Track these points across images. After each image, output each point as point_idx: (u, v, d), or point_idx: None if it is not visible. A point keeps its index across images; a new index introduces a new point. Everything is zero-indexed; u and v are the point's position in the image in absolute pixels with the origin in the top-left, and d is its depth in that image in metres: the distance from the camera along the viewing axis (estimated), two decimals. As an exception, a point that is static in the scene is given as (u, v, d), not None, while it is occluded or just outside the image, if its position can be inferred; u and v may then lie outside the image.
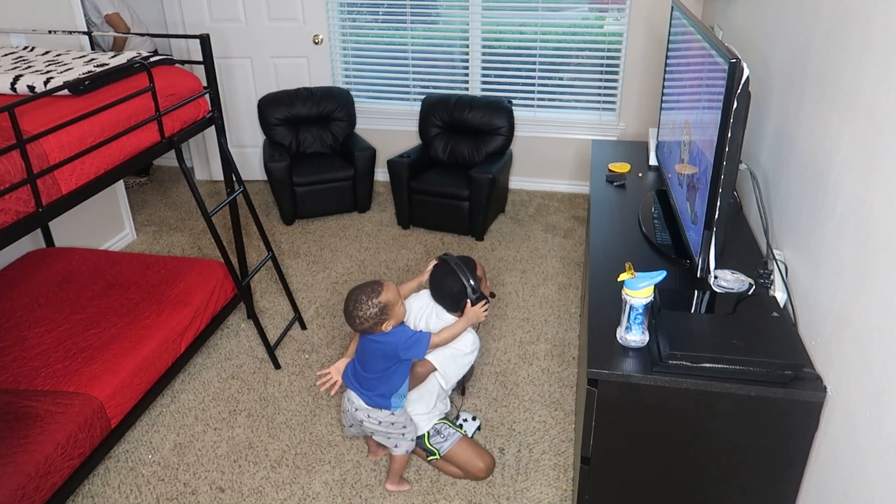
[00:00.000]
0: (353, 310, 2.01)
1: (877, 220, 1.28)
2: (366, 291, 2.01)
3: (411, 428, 2.22)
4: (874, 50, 1.34)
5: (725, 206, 1.69)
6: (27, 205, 1.98)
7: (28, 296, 2.83)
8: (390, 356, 2.07)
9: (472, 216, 3.84)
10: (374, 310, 1.99)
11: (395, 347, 2.05)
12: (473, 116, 4.08)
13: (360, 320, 2.00)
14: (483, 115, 4.06)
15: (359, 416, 2.17)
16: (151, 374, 2.54)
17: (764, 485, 1.64)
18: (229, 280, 3.03)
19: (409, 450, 2.22)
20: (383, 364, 2.08)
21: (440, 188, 3.88)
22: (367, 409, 2.15)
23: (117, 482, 2.33)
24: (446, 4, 4.32)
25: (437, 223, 4.01)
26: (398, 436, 2.19)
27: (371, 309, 1.99)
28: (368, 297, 2.00)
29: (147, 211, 4.36)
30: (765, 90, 2.13)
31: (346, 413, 2.25)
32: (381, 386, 2.11)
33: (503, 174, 4.00)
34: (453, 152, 4.14)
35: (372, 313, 1.99)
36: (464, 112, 4.10)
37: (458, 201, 3.83)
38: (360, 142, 4.26)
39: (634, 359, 1.61)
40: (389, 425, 2.16)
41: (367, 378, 2.12)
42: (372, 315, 1.99)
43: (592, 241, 2.19)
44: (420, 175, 3.99)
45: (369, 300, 1.99)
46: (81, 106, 2.20)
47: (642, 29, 4.00)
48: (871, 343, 1.28)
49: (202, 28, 4.22)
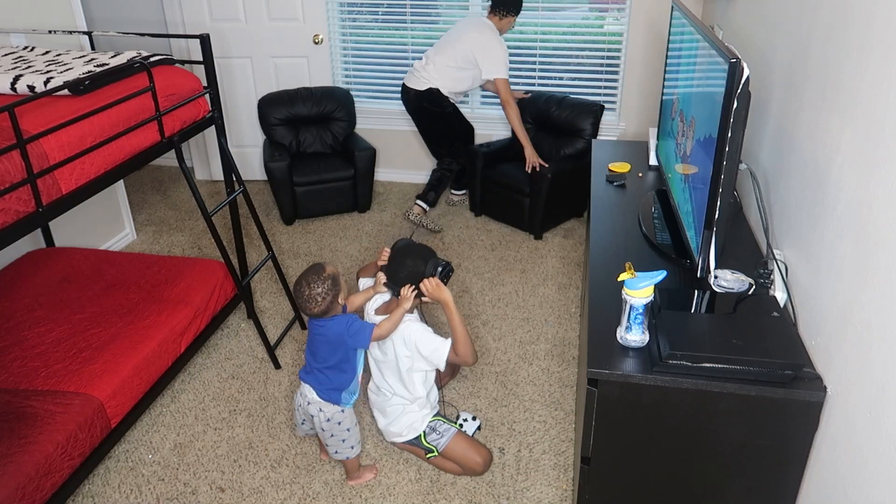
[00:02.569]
0: (308, 292, 2.09)
1: (877, 220, 1.28)
2: (311, 273, 2.12)
3: (354, 433, 2.27)
4: (874, 50, 1.34)
5: (725, 206, 1.69)
6: (27, 205, 1.98)
7: (28, 296, 2.83)
8: (337, 344, 2.15)
9: (531, 213, 3.85)
10: (326, 283, 2.10)
11: (340, 335, 2.13)
12: (559, 115, 4.03)
13: (319, 298, 2.09)
14: (568, 116, 4.00)
15: (311, 411, 2.22)
16: (151, 374, 2.54)
17: (764, 485, 1.64)
18: (229, 280, 3.03)
19: (350, 457, 2.27)
20: (332, 352, 2.16)
21: (506, 180, 3.93)
22: (320, 403, 2.20)
23: (117, 482, 2.34)
24: (446, 4, 4.32)
25: (504, 215, 4.07)
26: (339, 441, 2.24)
27: (324, 284, 2.09)
28: (317, 274, 2.11)
29: (147, 211, 4.36)
30: (765, 90, 2.13)
31: (298, 409, 2.30)
32: (333, 379, 2.19)
33: (574, 176, 3.86)
34: (536, 149, 4.04)
35: (326, 287, 2.09)
36: (550, 110, 4.07)
37: (521, 196, 3.86)
38: (360, 142, 4.26)
39: (634, 359, 1.61)
40: (336, 424, 2.22)
41: (319, 370, 2.19)
42: (327, 289, 2.09)
43: (592, 240, 2.19)
44: (495, 166, 4.02)
45: (319, 277, 2.10)
46: (81, 106, 2.20)
47: (642, 29, 4.00)
48: (871, 343, 1.28)
49: (202, 28, 4.22)
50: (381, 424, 2.40)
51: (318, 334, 2.17)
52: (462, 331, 2.17)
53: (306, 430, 2.38)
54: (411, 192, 4.52)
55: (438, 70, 3.80)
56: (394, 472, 2.36)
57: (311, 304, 2.10)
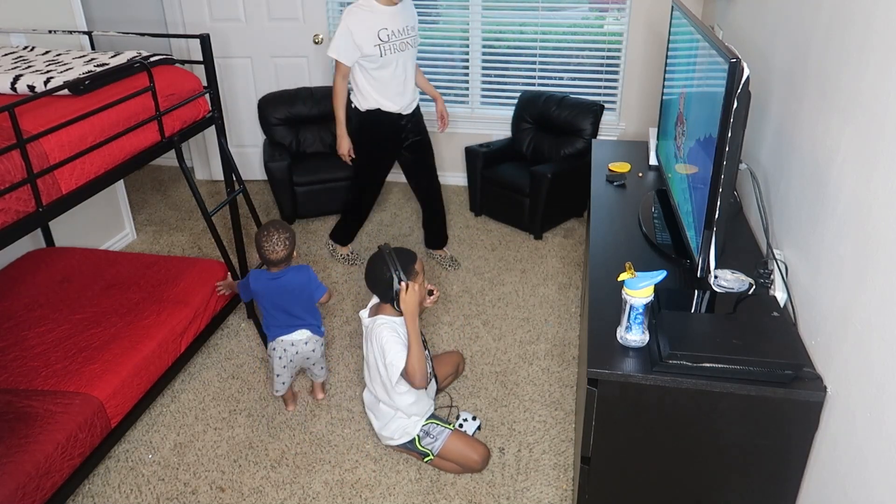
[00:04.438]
0: (277, 236, 2.36)
1: (877, 220, 1.28)
2: (276, 223, 2.41)
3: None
4: (874, 50, 1.34)
5: (725, 206, 1.69)
6: (27, 204, 1.98)
7: (28, 296, 2.83)
8: (300, 292, 2.43)
9: (531, 213, 3.84)
10: (289, 233, 2.41)
11: (305, 285, 2.44)
12: (559, 115, 4.02)
13: (287, 243, 2.39)
14: (568, 115, 3.99)
15: (305, 352, 2.52)
16: (151, 374, 2.54)
17: (764, 485, 1.64)
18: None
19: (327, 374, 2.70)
20: (299, 299, 2.43)
21: (506, 180, 3.92)
22: (314, 340, 2.53)
23: (117, 482, 2.34)
24: (446, 4, 4.32)
25: (504, 215, 4.06)
26: (324, 361, 2.63)
27: (287, 232, 2.40)
28: (282, 225, 2.41)
29: (147, 211, 4.36)
30: (765, 90, 2.13)
31: (284, 363, 2.51)
32: (317, 316, 2.53)
33: (574, 176, 3.85)
34: (536, 149, 4.09)
35: (288, 236, 2.40)
36: (550, 110, 4.06)
37: (521, 196, 3.85)
38: (361, 142, 4.26)
39: (634, 359, 1.61)
40: (322, 354, 2.58)
41: (300, 316, 2.47)
42: (289, 238, 2.40)
43: (592, 240, 2.19)
44: (495, 166, 4.02)
45: (284, 227, 2.40)
46: (81, 106, 2.20)
47: (642, 29, 4.00)
48: (871, 343, 1.28)
49: (202, 28, 4.21)
50: (375, 427, 2.41)
51: (278, 286, 2.42)
52: (415, 348, 2.16)
53: (287, 382, 2.57)
54: (411, 192, 4.51)
55: None
56: (394, 472, 2.36)
57: (278, 247, 2.36)
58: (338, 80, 3.09)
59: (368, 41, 2.95)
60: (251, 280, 2.47)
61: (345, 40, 2.95)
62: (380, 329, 2.20)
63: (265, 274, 2.44)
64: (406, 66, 3.12)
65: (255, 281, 2.46)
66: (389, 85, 3.09)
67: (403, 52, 3.07)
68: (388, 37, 2.99)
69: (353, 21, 2.93)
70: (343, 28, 2.94)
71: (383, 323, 2.21)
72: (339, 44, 2.97)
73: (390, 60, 3.04)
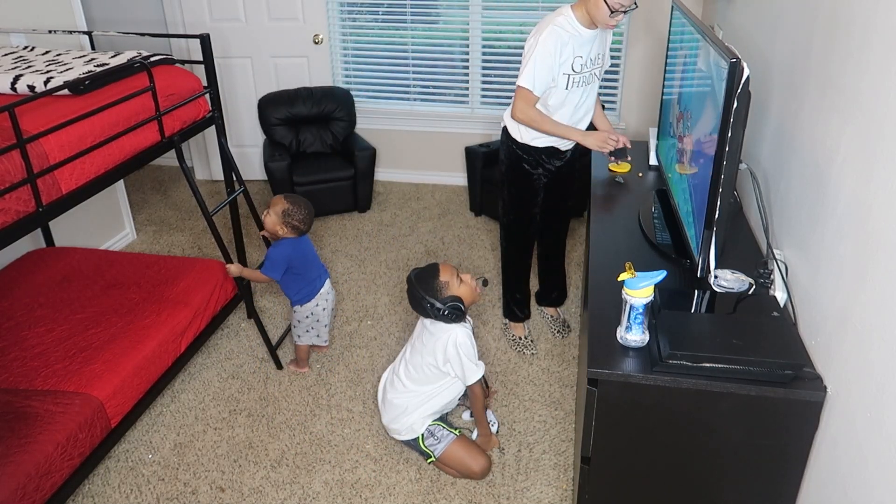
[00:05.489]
0: (307, 209, 2.58)
1: (877, 221, 1.28)
2: (296, 201, 2.57)
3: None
4: (874, 50, 1.34)
5: (725, 205, 1.69)
6: (27, 205, 1.98)
7: (28, 296, 2.83)
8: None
9: None
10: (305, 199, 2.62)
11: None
12: None
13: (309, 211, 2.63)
14: None
15: (333, 294, 2.82)
16: (151, 374, 2.54)
17: (764, 485, 1.64)
18: (229, 279, 3.03)
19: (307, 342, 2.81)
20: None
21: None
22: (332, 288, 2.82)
23: (117, 482, 2.34)
24: (446, 4, 4.31)
25: None
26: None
27: (304, 199, 2.62)
28: (300, 200, 2.58)
29: (147, 211, 4.36)
30: (765, 90, 2.13)
31: (328, 312, 2.77)
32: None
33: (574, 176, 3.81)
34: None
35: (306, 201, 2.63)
36: None
37: None
38: (361, 142, 4.27)
39: (634, 359, 1.61)
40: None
41: (321, 265, 2.79)
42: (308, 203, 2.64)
43: (592, 240, 2.19)
44: (496, 166, 4.00)
45: (301, 200, 2.59)
46: (81, 106, 2.20)
47: (642, 29, 4.00)
48: (871, 343, 1.28)
49: (202, 28, 4.21)
50: (384, 420, 2.42)
51: (308, 244, 2.69)
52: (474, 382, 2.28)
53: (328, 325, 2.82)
54: (411, 192, 4.52)
55: None
56: (394, 472, 2.36)
57: (311, 216, 2.60)
58: (528, 110, 2.49)
59: (562, 70, 2.43)
60: (291, 248, 2.60)
61: (544, 66, 2.38)
62: (457, 331, 2.24)
63: (295, 240, 2.61)
64: (587, 101, 2.60)
65: (294, 248, 2.61)
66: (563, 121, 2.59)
67: (589, 84, 2.55)
68: (581, 67, 2.45)
69: (555, 45, 2.36)
70: (543, 51, 2.36)
71: (455, 326, 2.25)
72: (539, 69, 2.38)
73: (573, 98, 2.52)
